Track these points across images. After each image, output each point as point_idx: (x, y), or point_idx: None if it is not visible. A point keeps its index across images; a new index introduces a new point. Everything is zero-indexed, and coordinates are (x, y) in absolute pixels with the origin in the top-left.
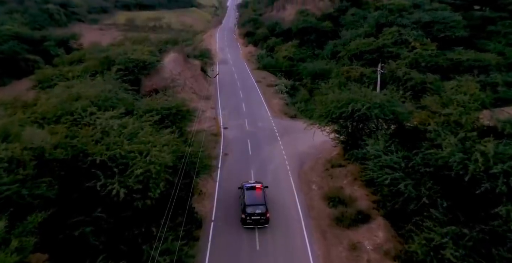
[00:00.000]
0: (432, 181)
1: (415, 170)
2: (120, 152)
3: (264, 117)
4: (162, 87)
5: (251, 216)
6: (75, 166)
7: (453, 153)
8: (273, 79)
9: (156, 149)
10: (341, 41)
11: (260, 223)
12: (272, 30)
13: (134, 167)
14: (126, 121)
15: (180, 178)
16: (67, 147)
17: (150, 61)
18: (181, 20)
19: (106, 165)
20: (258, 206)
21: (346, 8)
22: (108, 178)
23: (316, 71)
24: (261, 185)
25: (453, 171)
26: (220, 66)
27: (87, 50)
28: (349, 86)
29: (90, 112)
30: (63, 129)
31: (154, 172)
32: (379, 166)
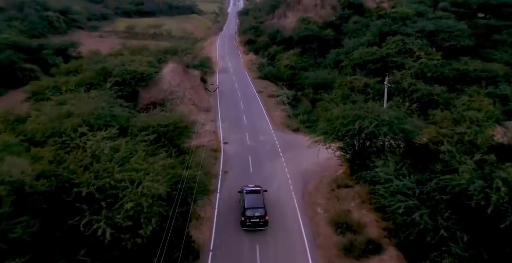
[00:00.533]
0: (449, 210)
1: (430, 196)
2: (109, 181)
3: (266, 130)
4: (160, 99)
5: (251, 218)
6: (59, 199)
7: (471, 179)
8: (275, 89)
9: (149, 178)
10: (344, 50)
11: (259, 225)
12: (273, 38)
13: (124, 199)
14: (119, 144)
15: (176, 207)
16: (51, 176)
17: (148, 72)
18: (181, 27)
19: (93, 197)
20: (257, 209)
21: (348, 16)
22: (94, 213)
23: (319, 81)
24: (260, 188)
25: (473, 201)
26: (220, 75)
27: (85, 60)
28: (353, 97)
29: (81, 133)
30: (50, 153)
31: (146, 205)
32: (391, 192)
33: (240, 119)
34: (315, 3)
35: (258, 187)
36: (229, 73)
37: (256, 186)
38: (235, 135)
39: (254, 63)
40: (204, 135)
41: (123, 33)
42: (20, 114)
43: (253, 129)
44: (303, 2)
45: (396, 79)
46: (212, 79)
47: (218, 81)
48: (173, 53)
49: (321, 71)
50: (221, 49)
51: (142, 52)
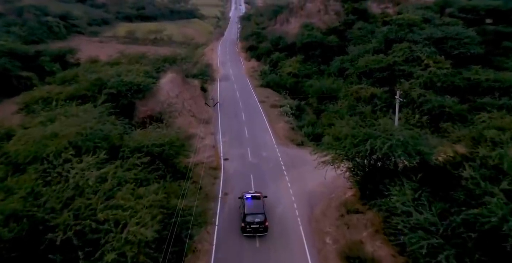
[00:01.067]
0: (480, 251)
1: (456, 233)
2: (91, 224)
3: (269, 145)
4: (157, 112)
5: (251, 224)
6: (30, 247)
7: (504, 216)
8: (277, 98)
9: (135, 220)
10: (349, 57)
11: (259, 231)
12: (275, 45)
13: (105, 247)
14: (107, 171)
15: (169, 249)
16: (23, 217)
17: (145, 84)
18: (182, 32)
19: (70, 244)
20: (257, 215)
21: (353, 22)
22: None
23: (323, 90)
24: (260, 194)
25: (508, 243)
26: (221, 83)
27: (81, 69)
28: (360, 108)
29: (65, 159)
30: (28, 183)
31: (130, 255)
32: (410, 226)
33: (241, 132)
34: (319, 9)
35: (258, 193)
36: (230, 81)
37: (256, 192)
38: (236, 150)
39: (256, 70)
40: (204, 149)
41: (124, 38)
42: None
43: (255, 143)
44: (306, 8)
45: (404, 89)
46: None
47: (219, 89)
48: (172, 61)
49: (325, 79)
50: (222, 55)
51: (140, 61)
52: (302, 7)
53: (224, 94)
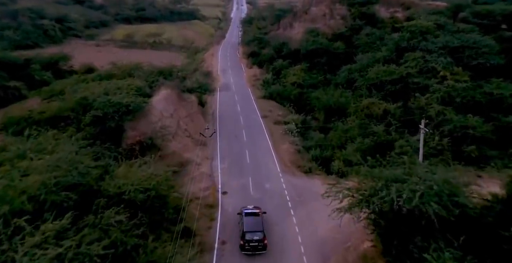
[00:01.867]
0: None
1: None
2: None
3: (273, 173)
4: (148, 137)
5: (249, 242)
6: None
7: None
8: (281, 112)
9: None
10: (357, 67)
11: (258, 249)
12: (278, 51)
13: None
14: (67, 247)
15: None
16: None
17: (136, 104)
18: (183, 34)
19: None
20: (256, 233)
21: (360, 27)
22: None
23: (331, 104)
24: (259, 210)
25: None
26: (221, 94)
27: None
28: (372, 128)
29: (16, 226)
30: None
31: None
32: None
33: (242, 157)
34: (324, 13)
35: (258, 208)
36: (231, 91)
37: (255, 208)
38: (236, 180)
39: (258, 79)
40: (200, 178)
41: (121, 42)
42: None
43: (258, 171)
44: (310, 12)
45: (420, 105)
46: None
47: (219, 101)
48: (168, 74)
49: (332, 91)
50: (223, 61)
51: (133, 73)
52: (306, 11)
53: (224, 108)
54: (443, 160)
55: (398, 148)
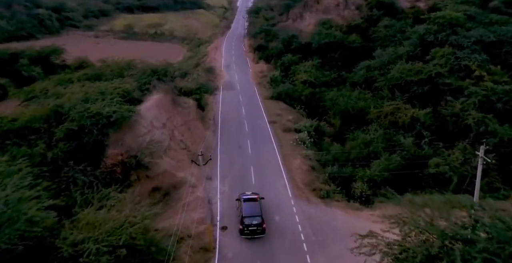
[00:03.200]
0: None
1: None
2: None
3: (283, 200)
4: (134, 153)
5: (248, 227)
6: None
7: None
8: (291, 117)
9: None
10: (376, 64)
11: (257, 233)
12: (287, 45)
13: None
14: None
15: None
16: None
17: (120, 114)
18: (186, 24)
19: None
20: (255, 217)
21: (377, 18)
22: None
23: (349, 109)
24: (257, 196)
25: None
26: (224, 94)
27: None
28: (398, 138)
29: None
30: None
31: None
32: None
33: (246, 177)
34: (337, 3)
35: (256, 194)
36: (235, 90)
37: (253, 194)
38: None
39: (265, 76)
40: (194, 205)
41: (121, 33)
42: None
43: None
44: (323, 2)
45: (454, 111)
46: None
47: (221, 103)
48: (163, 74)
49: (348, 91)
50: (227, 55)
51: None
52: (318, 0)
53: (227, 111)
54: (490, 183)
55: (433, 166)
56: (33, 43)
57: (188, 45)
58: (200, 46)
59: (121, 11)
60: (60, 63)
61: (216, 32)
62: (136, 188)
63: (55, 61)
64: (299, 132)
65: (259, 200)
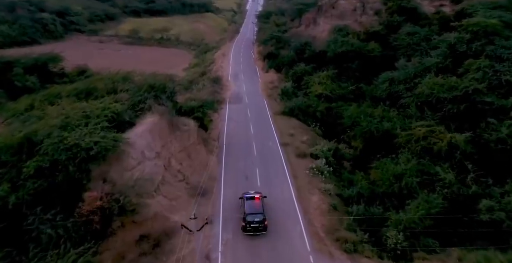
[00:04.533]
0: None
1: None
2: None
3: (299, 255)
4: (119, 194)
5: (251, 223)
6: None
7: None
8: (305, 137)
9: None
10: (401, 76)
11: (259, 230)
12: (300, 53)
13: None
14: None
15: None
16: None
17: (102, 146)
18: (194, 28)
19: None
20: (257, 215)
21: (398, 25)
22: None
23: (372, 130)
24: (260, 194)
25: None
26: (231, 108)
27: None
28: (433, 169)
29: None
30: None
31: None
32: None
33: None
34: (354, 7)
35: (258, 193)
36: (243, 103)
37: (256, 193)
38: None
39: (276, 87)
40: (190, 261)
41: (126, 38)
42: None
43: (277, 254)
44: (338, 6)
45: (500, 136)
46: (194, 212)
47: (227, 120)
48: (162, 90)
49: (369, 107)
50: (235, 62)
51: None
52: (333, 5)
53: (234, 129)
54: None
55: (484, 211)
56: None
57: (194, 50)
58: (207, 53)
59: (128, 14)
60: (58, 72)
61: (224, 37)
62: (119, 237)
63: (53, 69)
64: (315, 158)
65: (262, 199)
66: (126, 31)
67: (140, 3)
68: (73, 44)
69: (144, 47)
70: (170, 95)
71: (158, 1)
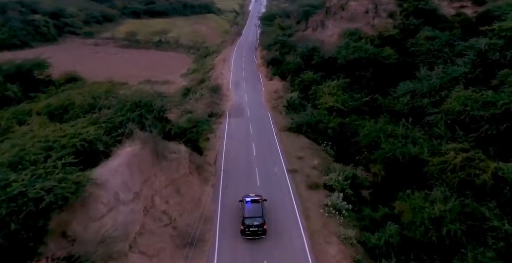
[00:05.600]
0: None
1: None
2: None
3: None
4: (77, 257)
5: (250, 227)
6: None
7: None
8: (317, 161)
9: None
10: (424, 88)
11: (257, 234)
12: (307, 59)
13: None
14: None
15: None
16: None
17: (58, 195)
18: (194, 30)
19: None
20: (256, 218)
21: (416, 28)
22: None
23: (397, 157)
24: (260, 198)
25: None
26: (231, 122)
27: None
28: (484, 213)
29: None
30: None
31: None
32: None
33: None
34: (366, 9)
35: (258, 196)
36: (244, 117)
37: (256, 196)
38: None
39: (281, 97)
40: None
41: (123, 40)
42: None
43: None
44: (348, 8)
45: None
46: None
47: (226, 138)
48: (148, 109)
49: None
50: (237, 68)
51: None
52: (343, 6)
53: (233, 151)
54: None
55: None
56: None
57: (194, 54)
58: (206, 57)
59: (127, 16)
60: (44, 79)
61: (226, 39)
62: None
63: (38, 76)
64: (329, 189)
65: (262, 202)
66: (123, 34)
67: (140, 4)
68: (66, 47)
69: (141, 50)
70: (158, 115)
71: (159, 2)
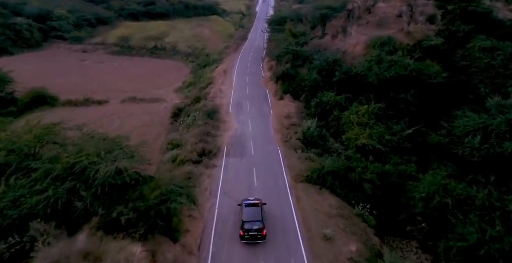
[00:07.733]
0: None
1: None
2: None
3: None
4: None
5: (249, 231)
6: None
7: None
8: (355, 245)
9: None
10: (501, 124)
11: (257, 238)
12: (326, 75)
13: None
14: None
15: None
16: None
17: None
18: (196, 33)
19: None
20: (256, 222)
21: (466, 35)
22: None
23: (492, 252)
24: (259, 201)
25: None
26: (229, 164)
27: None
28: None
29: None
30: None
31: None
32: None
33: None
34: (398, 12)
35: (258, 200)
36: (247, 156)
37: (255, 199)
38: None
39: (295, 124)
40: None
41: (114, 46)
42: None
43: None
44: (376, 10)
45: None
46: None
47: (220, 191)
48: (88, 178)
49: (449, 178)
50: (240, 84)
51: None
52: (369, 9)
53: (228, 222)
54: None
55: None
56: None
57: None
58: (206, 67)
59: (124, 18)
60: (6, 97)
61: (229, 45)
62: None
63: None
64: None
65: (261, 206)
66: (115, 39)
67: (139, 5)
68: (50, 54)
69: (134, 57)
70: (102, 190)
71: (159, 3)
